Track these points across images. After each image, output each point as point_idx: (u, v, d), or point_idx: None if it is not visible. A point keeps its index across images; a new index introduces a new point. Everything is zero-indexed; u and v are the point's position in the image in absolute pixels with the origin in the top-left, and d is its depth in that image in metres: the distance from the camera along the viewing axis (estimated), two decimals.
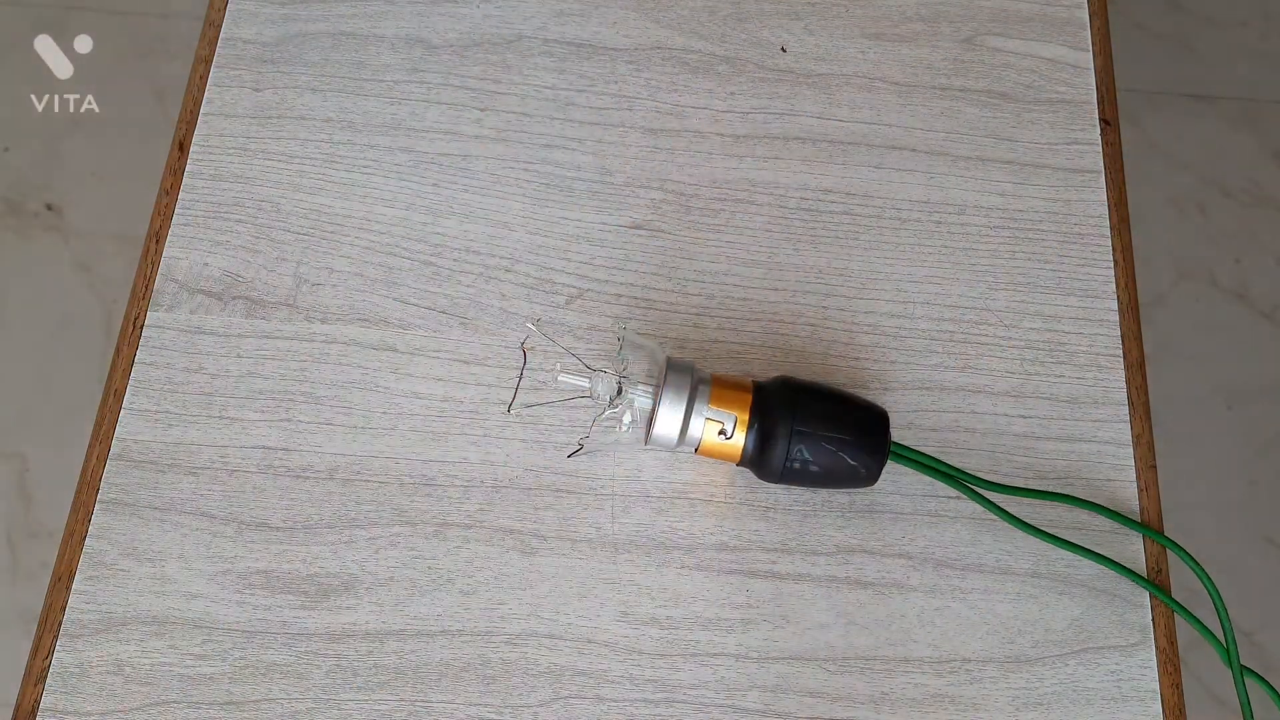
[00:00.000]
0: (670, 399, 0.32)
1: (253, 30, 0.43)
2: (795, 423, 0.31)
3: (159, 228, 0.40)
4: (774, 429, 0.32)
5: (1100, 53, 0.44)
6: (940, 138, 0.42)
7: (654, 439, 0.32)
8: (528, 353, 0.37)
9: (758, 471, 0.33)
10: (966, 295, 0.39)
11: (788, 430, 0.31)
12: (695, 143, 0.42)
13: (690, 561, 0.35)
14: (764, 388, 0.33)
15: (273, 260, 0.39)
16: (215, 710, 0.33)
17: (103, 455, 0.36)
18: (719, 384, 0.32)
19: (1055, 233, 0.41)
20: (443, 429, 0.37)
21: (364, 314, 0.38)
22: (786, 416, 0.32)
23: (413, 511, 0.36)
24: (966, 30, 0.44)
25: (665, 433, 0.32)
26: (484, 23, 0.44)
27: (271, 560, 0.35)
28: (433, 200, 0.40)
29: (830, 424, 0.32)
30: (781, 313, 0.39)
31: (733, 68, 0.43)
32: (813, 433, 0.31)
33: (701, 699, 0.34)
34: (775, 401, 0.32)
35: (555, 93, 0.42)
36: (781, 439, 0.31)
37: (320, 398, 0.37)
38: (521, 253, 0.39)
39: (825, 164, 0.41)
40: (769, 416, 0.32)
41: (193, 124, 0.41)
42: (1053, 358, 0.39)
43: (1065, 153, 0.42)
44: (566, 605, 0.35)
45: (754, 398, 0.32)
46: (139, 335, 0.38)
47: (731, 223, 0.40)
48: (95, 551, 0.35)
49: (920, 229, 0.40)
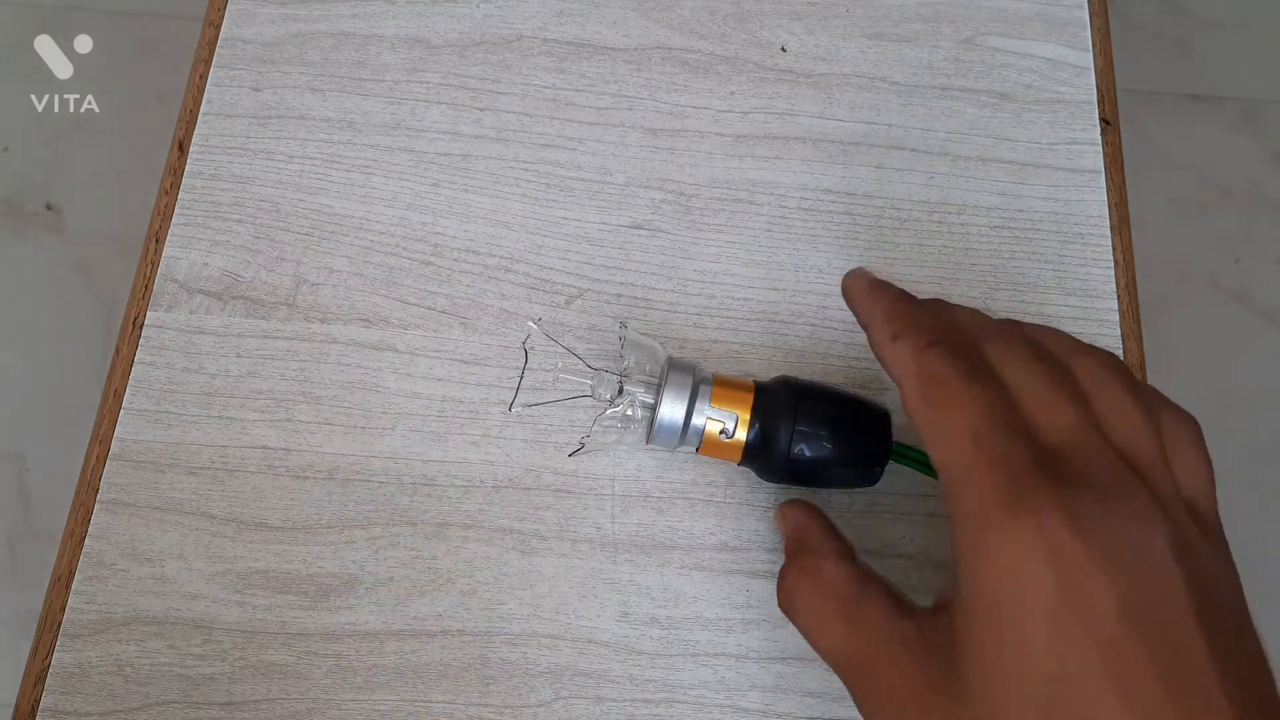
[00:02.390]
0: (671, 398, 0.32)
1: (253, 30, 0.43)
2: (797, 422, 0.31)
3: (159, 228, 0.40)
4: (775, 428, 0.31)
5: (1100, 53, 0.44)
6: (940, 138, 0.42)
7: (655, 438, 0.32)
8: (529, 352, 0.37)
9: (759, 471, 0.33)
10: (966, 295, 0.39)
11: (789, 429, 0.31)
12: (695, 143, 0.42)
13: (690, 561, 0.35)
14: (765, 387, 0.33)
15: (273, 260, 0.39)
16: (215, 710, 0.33)
17: (102, 455, 0.36)
18: (720, 384, 0.32)
19: (1055, 233, 0.41)
20: (443, 429, 0.37)
21: (364, 314, 0.38)
22: (788, 416, 0.31)
23: (413, 511, 0.36)
24: (966, 30, 0.44)
25: (666, 432, 0.32)
26: (484, 23, 0.44)
27: (271, 560, 0.35)
28: (433, 200, 0.40)
29: (832, 423, 0.32)
30: (781, 313, 0.39)
31: (733, 68, 0.43)
32: (814, 432, 0.31)
33: (701, 699, 0.34)
34: (776, 401, 0.32)
35: (555, 93, 0.42)
36: (783, 438, 0.31)
37: (320, 398, 0.37)
38: (521, 253, 0.39)
39: (825, 164, 0.41)
40: (770, 415, 0.32)
41: (192, 124, 0.41)
42: None
43: (1065, 153, 0.42)
44: (566, 605, 0.35)
45: (755, 397, 0.32)
46: (139, 335, 0.38)
47: (731, 223, 0.40)
48: (95, 552, 0.35)
49: (920, 229, 0.40)
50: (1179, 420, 0.26)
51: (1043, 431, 0.23)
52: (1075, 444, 0.23)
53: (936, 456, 0.24)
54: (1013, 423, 0.23)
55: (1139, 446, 0.24)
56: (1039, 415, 0.24)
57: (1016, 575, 0.21)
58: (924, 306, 0.29)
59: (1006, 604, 0.21)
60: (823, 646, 0.27)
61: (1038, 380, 0.24)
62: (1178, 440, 0.25)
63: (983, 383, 0.24)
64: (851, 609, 0.27)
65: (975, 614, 0.22)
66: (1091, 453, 0.23)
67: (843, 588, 0.28)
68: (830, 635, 0.27)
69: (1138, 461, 0.23)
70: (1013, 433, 0.23)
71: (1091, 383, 0.25)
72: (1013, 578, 0.21)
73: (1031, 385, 0.24)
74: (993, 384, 0.24)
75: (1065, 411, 0.24)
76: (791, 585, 0.29)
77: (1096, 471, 0.22)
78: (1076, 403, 0.24)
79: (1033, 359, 0.25)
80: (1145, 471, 0.23)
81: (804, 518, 0.31)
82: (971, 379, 0.24)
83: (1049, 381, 0.24)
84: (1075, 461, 0.23)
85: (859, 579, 0.28)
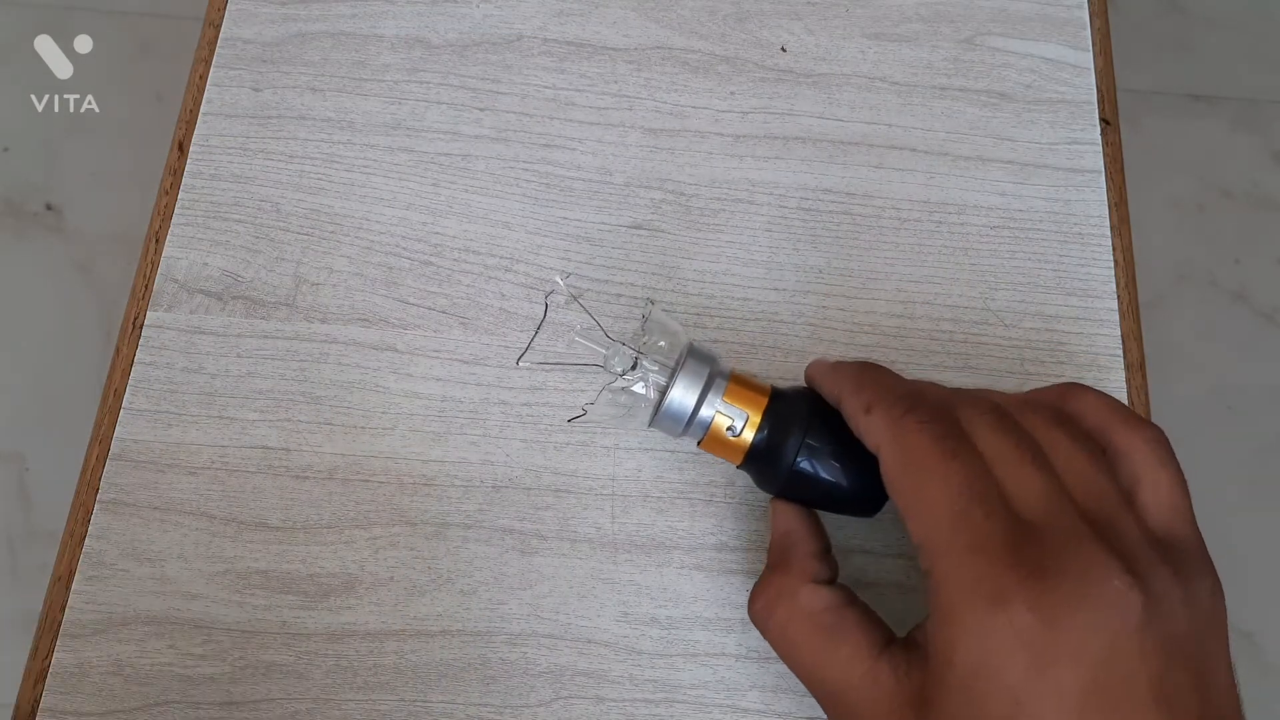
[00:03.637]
0: (685, 383, 0.31)
1: (253, 30, 0.43)
2: (808, 435, 0.30)
3: (158, 228, 0.40)
4: (785, 437, 0.30)
5: (1100, 53, 0.44)
6: (940, 138, 0.42)
7: (659, 421, 0.31)
8: (548, 307, 0.36)
9: (757, 477, 0.32)
10: (966, 295, 0.39)
11: (798, 441, 0.30)
12: (695, 143, 0.42)
13: (690, 561, 0.35)
14: (782, 394, 0.32)
15: (272, 260, 0.39)
16: (215, 710, 0.33)
17: (102, 455, 0.36)
18: (737, 380, 0.31)
19: (1055, 233, 0.41)
20: (443, 429, 0.37)
21: (364, 314, 0.38)
22: (800, 427, 0.30)
23: (413, 511, 0.36)
24: (966, 30, 0.44)
25: (672, 416, 0.31)
26: (484, 23, 0.44)
27: (271, 560, 0.35)
28: (433, 200, 0.40)
29: (843, 446, 0.30)
30: (781, 313, 0.39)
31: (733, 68, 0.43)
32: (822, 449, 0.30)
33: (701, 699, 0.34)
34: (792, 409, 0.31)
35: (555, 93, 0.42)
36: (790, 449, 0.30)
37: (320, 398, 0.37)
38: (521, 253, 0.39)
39: (825, 164, 0.41)
40: (782, 423, 0.31)
41: (192, 124, 0.41)
42: (1053, 358, 0.39)
43: (1065, 153, 0.42)
44: (566, 605, 0.35)
45: (770, 402, 0.31)
46: (139, 335, 0.38)
47: (731, 223, 0.40)
48: (95, 552, 0.35)
49: (920, 229, 0.40)
50: (1138, 442, 0.27)
51: (1015, 501, 0.25)
52: (1045, 513, 0.24)
53: (916, 533, 0.25)
54: (988, 499, 0.24)
55: (1098, 502, 0.25)
56: (1010, 484, 0.25)
57: (988, 657, 0.23)
58: (890, 373, 0.29)
59: (977, 682, 0.23)
60: (791, 667, 0.28)
61: (1006, 447, 0.26)
62: (1137, 466, 0.26)
63: (959, 456, 0.25)
64: (824, 642, 0.27)
65: (948, 681, 0.24)
66: (1060, 525, 0.24)
67: (818, 618, 0.28)
68: (800, 663, 0.28)
69: (1100, 519, 0.25)
70: (989, 511, 0.24)
71: (1048, 440, 0.26)
72: (985, 659, 0.23)
73: (1001, 453, 0.26)
74: (968, 455, 0.25)
75: (1033, 478, 0.25)
76: (765, 607, 0.29)
77: (1067, 551, 0.24)
78: (1040, 467, 0.25)
79: (998, 426, 0.26)
80: (1110, 528, 0.24)
81: (794, 523, 0.31)
82: (948, 454, 0.25)
83: (1017, 449, 0.26)
84: (1047, 538, 0.24)
85: (836, 608, 0.28)
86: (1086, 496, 0.25)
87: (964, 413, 0.27)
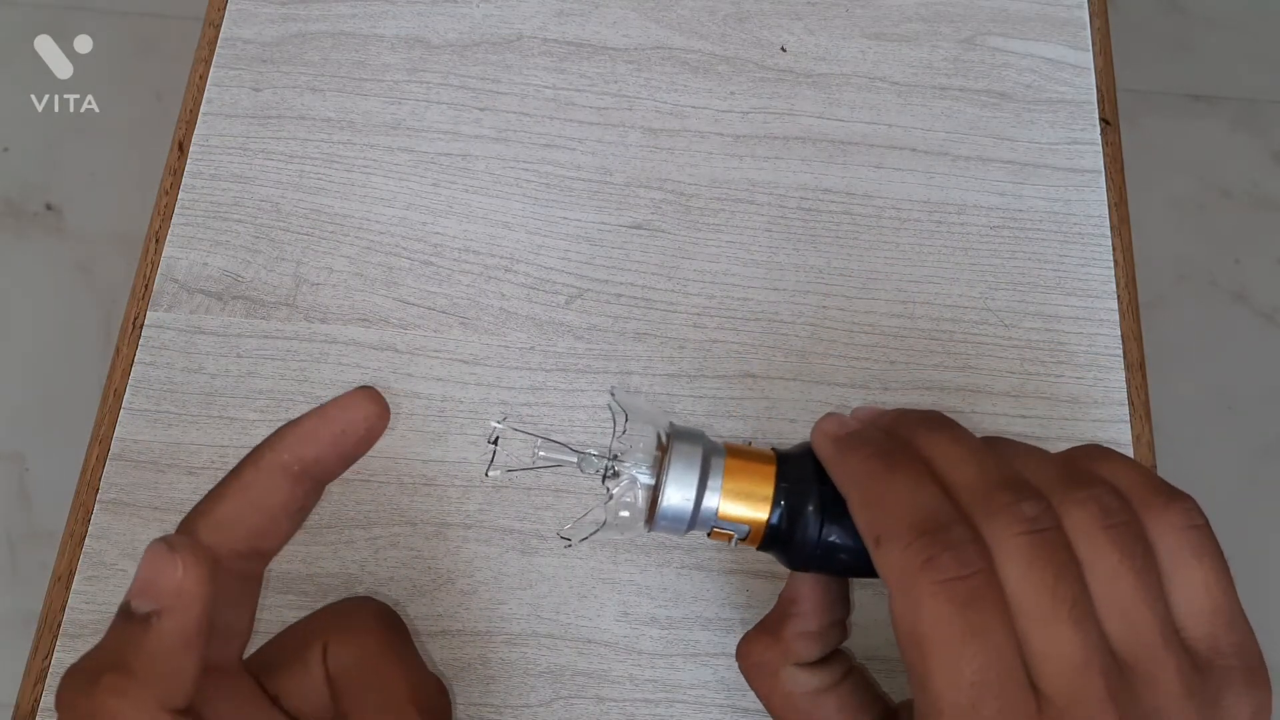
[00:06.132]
0: (677, 475, 0.26)
1: (253, 30, 0.43)
2: (825, 509, 0.26)
3: (158, 228, 0.40)
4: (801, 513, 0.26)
5: (1100, 53, 0.44)
6: (940, 138, 0.42)
7: (659, 522, 0.26)
8: (498, 442, 0.35)
9: (781, 559, 0.27)
10: (966, 295, 0.39)
11: (818, 519, 0.26)
12: (695, 143, 0.42)
13: (690, 561, 0.35)
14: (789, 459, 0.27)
15: (272, 260, 0.39)
16: None
17: (102, 455, 0.36)
18: (735, 455, 0.26)
19: (1055, 233, 0.41)
20: (443, 429, 0.37)
21: (364, 314, 0.38)
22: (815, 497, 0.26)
23: (413, 511, 0.36)
24: (966, 30, 0.44)
25: (672, 519, 0.26)
26: (484, 23, 0.44)
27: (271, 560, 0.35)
28: (433, 200, 0.40)
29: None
30: (781, 313, 0.39)
31: (733, 68, 0.43)
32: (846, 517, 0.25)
33: (701, 699, 0.34)
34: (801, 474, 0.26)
35: (555, 93, 0.42)
36: (809, 526, 0.26)
37: (320, 398, 0.37)
38: (521, 253, 0.39)
39: (825, 164, 0.41)
40: (797, 498, 0.26)
41: (192, 124, 0.41)
42: (1053, 358, 0.39)
43: (1065, 153, 0.42)
44: (566, 605, 0.35)
45: (777, 473, 0.26)
46: (138, 335, 0.38)
47: (731, 223, 0.40)
48: (95, 552, 0.35)
49: (920, 229, 0.40)
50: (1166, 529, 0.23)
51: (1039, 668, 0.21)
52: (1069, 688, 0.21)
53: (917, 700, 0.22)
54: (1005, 690, 0.21)
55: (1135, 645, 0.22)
56: (1037, 642, 0.22)
57: None
58: (905, 468, 0.24)
59: None
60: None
61: (1042, 594, 0.22)
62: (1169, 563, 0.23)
63: (980, 635, 0.21)
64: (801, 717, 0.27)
65: None
66: (1085, 702, 0.21)
67: (793, 700, 0.27)
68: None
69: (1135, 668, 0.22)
70: (1003, 706, 0.21)
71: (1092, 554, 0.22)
72: None
73: (1037, 603, 0.22)
74: (992, 628, 0.22)
75: (1067, 640, 0.22)
76: (747, 670, 0.28)
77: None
78: (1077, 622, 0.22)
79: (1036, 557, 0.22)
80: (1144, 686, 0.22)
81: (802, 592, 0.27)
82: (967, 633, 0.21)
83: (1053, 597, 0.22)
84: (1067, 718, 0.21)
85: (814, 695, 0.27)
86: (1124, 640, 0.22)
87: (998, 528, 0.22)
